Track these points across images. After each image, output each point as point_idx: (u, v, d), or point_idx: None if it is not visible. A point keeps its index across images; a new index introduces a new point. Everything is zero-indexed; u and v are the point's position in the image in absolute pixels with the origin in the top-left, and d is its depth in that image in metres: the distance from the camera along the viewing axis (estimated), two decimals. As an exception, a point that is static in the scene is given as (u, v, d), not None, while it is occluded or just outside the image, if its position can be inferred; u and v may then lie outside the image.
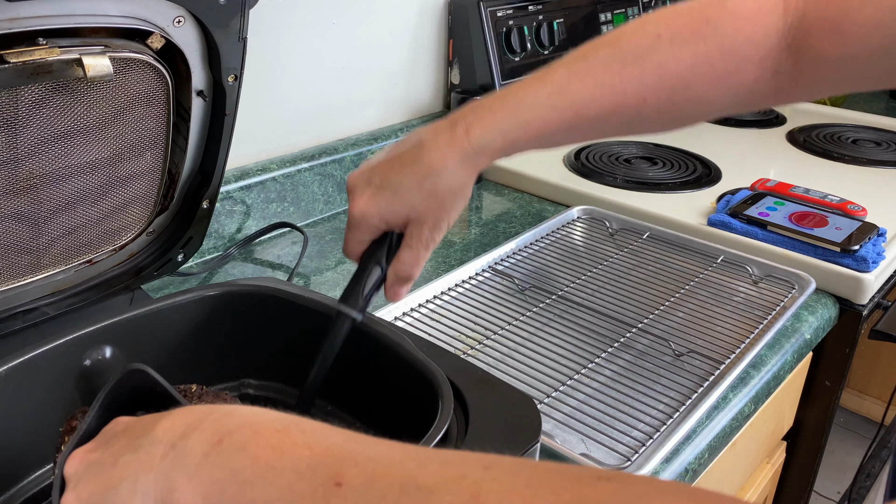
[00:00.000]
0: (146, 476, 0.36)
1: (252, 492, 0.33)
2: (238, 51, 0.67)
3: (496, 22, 1.26)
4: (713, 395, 0.75)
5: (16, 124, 0.58)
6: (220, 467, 0.34)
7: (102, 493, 0.38)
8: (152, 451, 0.37)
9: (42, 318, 0.71)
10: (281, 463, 0.33)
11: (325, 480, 0.31)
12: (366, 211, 0.59)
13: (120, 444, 0.40)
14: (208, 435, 0.36)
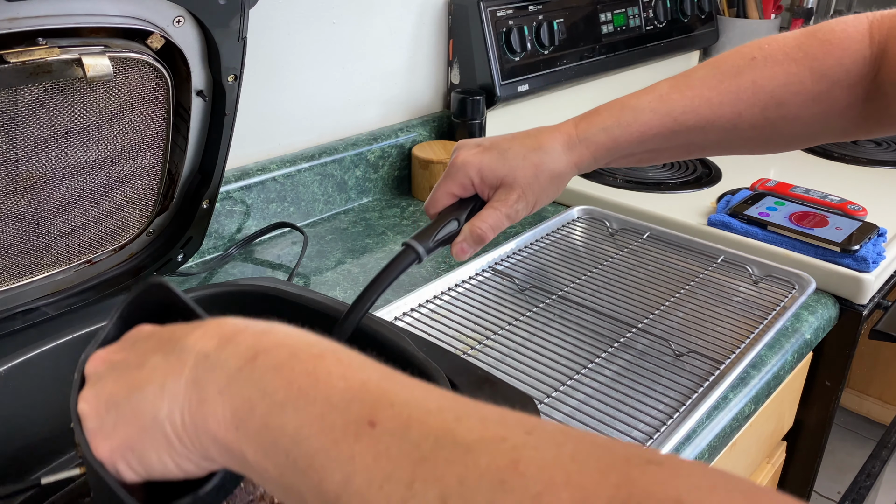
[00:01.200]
0: (175, 382, 0.35)
1: (282, 415, 0.31)
2: (238, 51, 0.67)
3: (496, 22, 1.26)
4: (713, 396, 0.75)
5: (15, 124, 0.58)
6: (252, 385, 0.33)
7: (126, 393, 0.37)
8: (183, 357, 0.36)
9: (42, 318, 0.71)
10: (315, 391, 0.31)
11: (357, 417, 0.30)
12: (468, 160, 0.62)
13: (147, 346, 0.38)
14: (243, 350, 0.34)
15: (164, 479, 0.36)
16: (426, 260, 0.64)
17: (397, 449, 0.28)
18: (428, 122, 1.30)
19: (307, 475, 0.30)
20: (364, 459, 0.28)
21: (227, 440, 0.33)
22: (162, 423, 0.35)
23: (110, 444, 0.36)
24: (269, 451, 0.31)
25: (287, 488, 0.31)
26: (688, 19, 1.72)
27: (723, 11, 1.86)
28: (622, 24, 1.53)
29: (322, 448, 0.29)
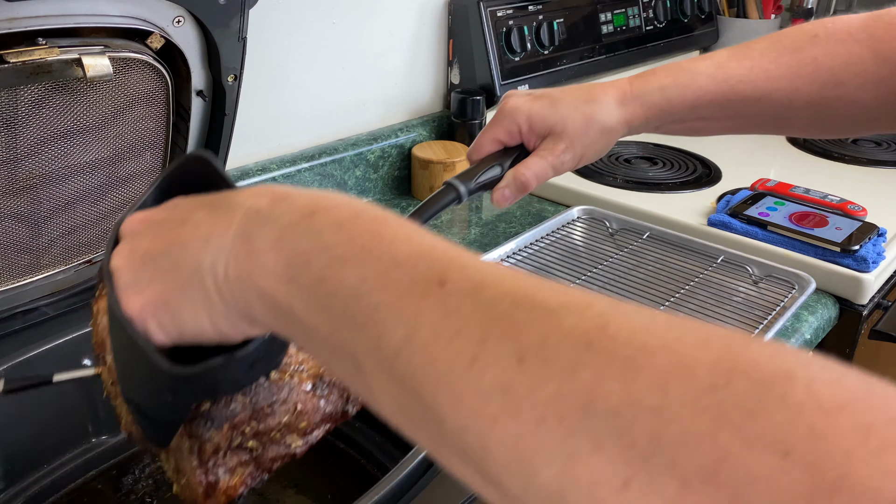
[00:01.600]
0: (222, 234, 0.32)
1: (342, 270, 0.29)
2: (238, 51, 0.67)
3: (496, 22, 1.26)
4: (713, 396, 0.75)
5: (15, 124, 0.58)
6: (309, 239, 0.30)
7: (165, 247, 0.34)
8: (231, 213, 0.33)
9: (42, 318, 0.71)
10: (379, 249, 0.29)
11: (426, 276, 0.27)
12: (518, 106, 0.61)
13: (191, 205, 0.36)
14: (300, 206, 0.32)
15: (195, 341, 0.34)
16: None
17: (469, 306, 0.26)
18: (428, 122, 1.30)
19: (364, 330, 0.27)
20: (431, 315, 0.26)
21: (275, 294, 0.30)
22: (203, 277, 0.32)
23: (143, 299, 0.34)
24: (323, 306, 0.29)
25: (337, 347, 0.29)
26: (688, 19, 1.72)
27: (723, 11, 1.86)
28: (622, 24, 1.53)
29: (385, 303, 0.27)
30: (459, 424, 0.24)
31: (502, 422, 0.23)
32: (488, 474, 0.24)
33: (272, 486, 0.61)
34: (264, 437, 0.41)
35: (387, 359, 0.27)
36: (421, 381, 0.25)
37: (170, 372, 0.34)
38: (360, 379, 0.28)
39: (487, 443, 0.23)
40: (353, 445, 0.64)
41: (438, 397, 0.25)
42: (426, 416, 0.26)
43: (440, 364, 0.25)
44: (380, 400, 0.28)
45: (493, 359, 0.24)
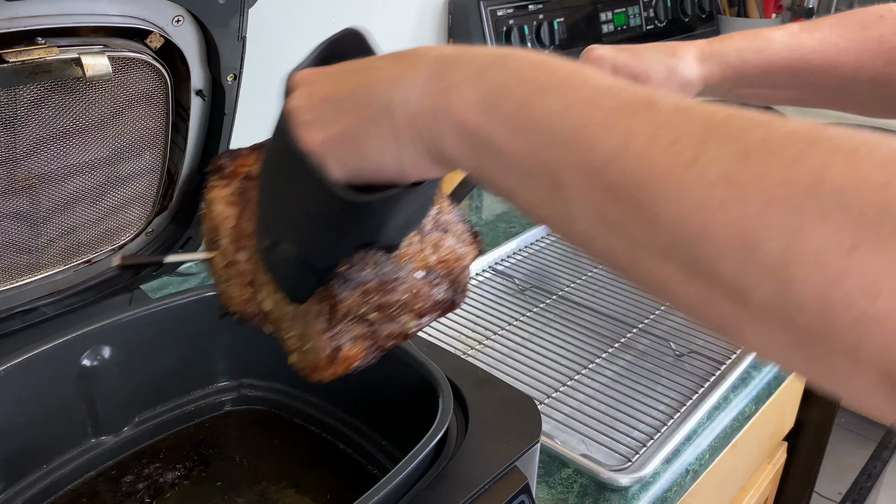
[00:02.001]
0: (413, 75, 0.33)
1: (544, 99, 0.30)
2: (237, 50, 0.67)
3: (496, 22, 1.26)
4: (714, 396, 0.75)
5: (14, 124, 0.58)
6: (506, 74, 0.31)
7: (351, 89, 0.35)
8: (418, 59, 0.34)
9: (41, 318, 0.70)
10: (580, 81, 0.30)
11: (633, 99, 0.28)
12: (604, 55, 0.64)
13: (368, 59, 0.37)
14: (490, 52, 0.33)
15: (367, 180, 0.35)
16: None
17: (683, 119, 0.27)
18: (428, 121, 1.30)
19: (570, 147, 0.29)
20: (645, 128, 0.27)
21: (473, 123, 0.31)
22: (393, 112, 0.33)
23: (325, 134, 0.35)
24: (523, 130, 0.30)
25: (534, 168, 0.30)
26: (688, 19, 1.72)
27: (723, 11, 1.86)
28: (623, 24, 1.53)
29: (594, 121, 0.28)
30: (676, 216, 0.26)
31: (725, 208, 0.24)
32: (698, 261, 0.26)
33: (272, 486, 0.61)
34: (385, 312, 0.43)
35: (595, 169, 0.28)
36: (635, 184, 0.27)
37: (352, 200, 0.35)
38: (557, 196, 0.30)
39: (707, 229, 0.25)
40: (353, 445, 0.64)
41: (654, 196, 0.26)
42: (635, 218, 0.27)
43: (658, 166, 0.26)
44: (575, 213, 0.29)
45: (714, 157, 0.25)
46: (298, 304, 0.43)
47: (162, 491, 0.61)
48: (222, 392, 0.69)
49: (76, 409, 0.61)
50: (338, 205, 0.35)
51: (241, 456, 0.65)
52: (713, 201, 0.25)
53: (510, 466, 0.49)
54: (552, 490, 0.65)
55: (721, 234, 0.25)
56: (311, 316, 0.42)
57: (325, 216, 0.37)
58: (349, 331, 0.42)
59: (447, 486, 0.47)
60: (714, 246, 0.25)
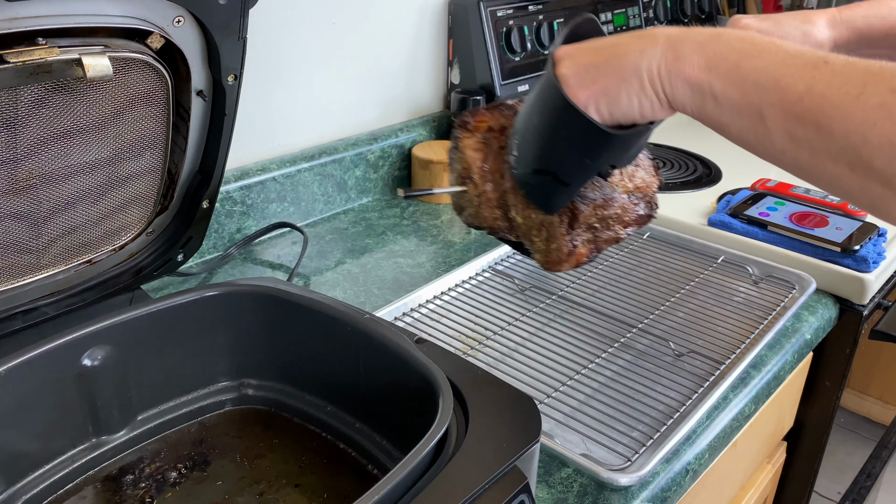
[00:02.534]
0: (652, 48, 0.48)
1: (751, 60, 0.44)
2: (238, 51, 0.67)
3: (496, 22, 1.26)
4: (713, 396, 0.75)
5: (15, 124, 0.58)
6: (722, 45, 0.46)
7: (606, 58, 0.50)
8: (654, 37, 0.48)
9: (42, 318, 0.71)
10: (774, 48, 0.44)
11: (813, 59, 0.43)
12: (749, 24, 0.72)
13: (615, 36, 0.51)
14: (706, 31, 0.47)
15: (621, 121, 0.50)
16: (427, 264, 0.67)
17: (850, 69, 0.41)
18: (428, 122, 1.30)
19: (771, 91, 0.43)
20: (823, 77, 0.42)
21: (699, 79, 0.46)
22: (640, 74, 0.48)
23: (588, 91, 0.50)
24: (736, 81, 0.45)
25: (744, 107, 0.45)
26: (688, 19, 1.72)
27: (723, 11, 1.86)
28: (622, 24, 1.53)
29: (787, 73, 0.43)
30: (846, 131, 0.40)
31: (880, 123, 0.39)
32: (860, 160, 0.40)
33: (272, 486, 0.61)
34: (604, 222, 0.61)
35: (789, 104, 0.43)
36: (818, 111, 0.41)
37: (612, 134, 0.50)
38: (760, 124, 0.44)
39: (867, 138, 0.39)
40: (353, 445, 0.64)
41: (831, 118, 0.41)
42: (816, 135, 0.42)
43: (834, 99, 0.41)
44: (773, 135, 0.44)
45: (873, 93, 0.40)
46: (546, 215, 0.59)
47: (162, 490, 0.61)
48: (222, 392, 0.69)
49: (76, 409, 0.61)
50: (599, 139, 0.51)
51: (241, 456, 0.65)
52: (871, 120, 0.39)
53: (510, 466, 0.49)
54: (552, 490, 0.65)
55: (876, 140, 0.39)
56: (555, 224, 0.59)
57: (588, 148, 0.52)
58: (581, 235, 0.60)
59: (447, 486, 0.47)
60: (871, 149, 0.39)
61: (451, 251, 1.06)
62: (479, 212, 0.67)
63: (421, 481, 0.48)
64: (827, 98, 0.41)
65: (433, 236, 1.11)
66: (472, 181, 0.67)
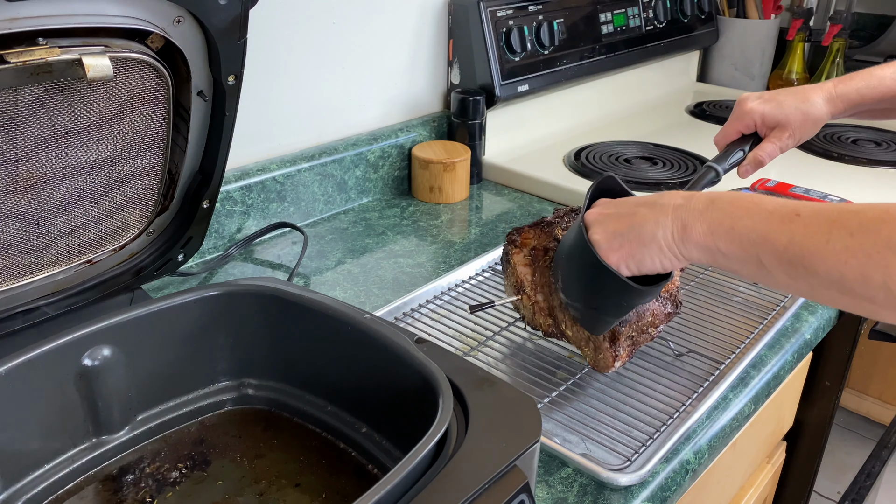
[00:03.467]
0: (664, 219, 0.60)
1: (741, 222, 0.55)
2: (238, 51, 0.67)
3: (496, 22, 1.26)
4: (713, 395, 0.75)
5: (16, 124, 0.58)
6: (717, 212, 0.57)
7: (628, 227, 0.62)
8: (664, 208, 0.60)
9: (42, 318, 0.71)
10: (757, 209, 0.55)
11: (787, 213, 0.53)
12: (754, 108, 0.86)
13: (629, 204, 0.64)
14: (703, 199, 0.59)
15: (648, 273, 0.63)
16: (427, 265, 0.68)
17: (817, 221, 0.52)
18: (428, 122, 1.30)
19: (762, 245, 0.54)
20: (798, 228, 0.52)
21: (706, 242, 0.58)
22: (658, 240, 0.60)
23: (617, 255, 0.63)
24: (734, 240, 0.56)
25: (745, 257, 0.55)
26: (688, 19, 1.72)
27: (723, 11, 1.86)
28: (622, 24, 1.53)
29: (770, 229, 0.54)
30: (828, 269, 0.51)
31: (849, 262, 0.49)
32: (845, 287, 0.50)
33: (272, 486, 0.61)
34: (639, 329, 0.75)
35: (778, 253, 0.53)
36: (801, 257, 0.52)
37: (640, 290, 0.64)
38: (761, 269, 0.55)
39: (844, 273, 0.50)
40: (354, 445, 0.64)
41: (813, 261, 0.51)
42: (806, 273, 0.52)
43: (811, 246, 0.51)
44: (773, 275, 0.55)
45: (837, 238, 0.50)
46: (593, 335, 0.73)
47: (162, 490, 0.61)
48: (223, 392, 0.69)
49: (77, 409, 0.61)
50: (631, 291, 0.64)
51: (242, 455, 0.65)
52: (842, 259, 0.50)
53: (510, 466, 0.50)
54: (552, 489, 0.65)
55: (851, 274, 0.49)
56: (601, 340, 0.73)
57: (621, 296, 0.65)
58: (622, 346, 0.73)
59: (447, 486, 0.47)
60: (849, 281, 0.50)
61: (451, 251, 1.06)
62: (534, 318, 0.80)
63: (421, 481, 0.48)
64: (805, 246, 0.52)
65: (433, 236, 1.11)
66: (525, 293, 0.79)
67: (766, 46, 1.84)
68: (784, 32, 1.87)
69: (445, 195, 1.23)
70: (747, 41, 1.83)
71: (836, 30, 1.75)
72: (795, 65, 1.83)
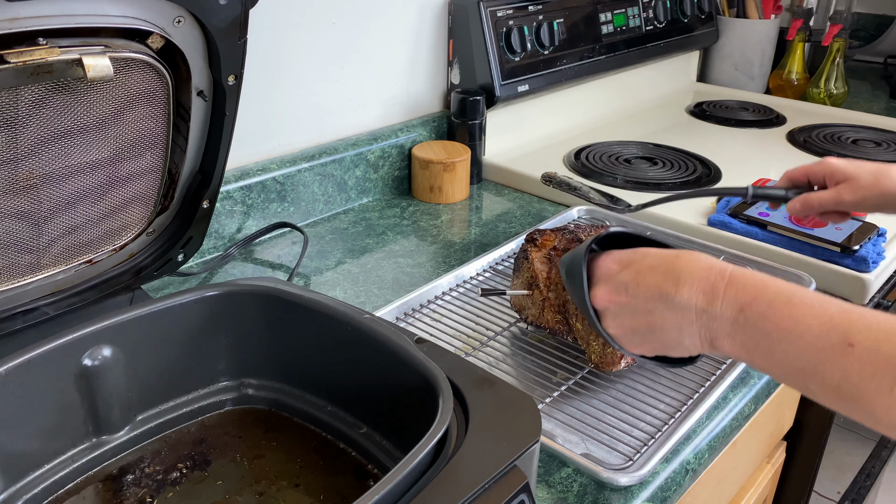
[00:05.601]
0: (690, 327, 0.54)
1: (780, 347, 0.49)
2: (238, 51, 0.67)
3: (496, 22, 1.26)
4: (713, 395, 0.75)
5: (16, 124, 0.58)
6: (750, 330, 0.50)
7: (648, 329, 0.57)
8: (684, 312, 0.54)
9: (42, 318, 0.71)
10: (798, 329, 0.48)
11: (838, 341, 0.46)
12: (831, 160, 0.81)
13: (641, 294, 0.57)
14: (730, 304, 0.52)
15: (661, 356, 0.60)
16: (427, 265, 0.69)
17: (875, 358, 0.44)
18: (428, 122, 1.30)
19: (810, 376, 0.47)
20: (853, 365, 0.45)
21: (739, 356, 0.53)
22: (685, 345, 0.56)
23: (640, 350, 0.60)
24: (775, 362, 0.49)
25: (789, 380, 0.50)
26: (688, 19, 1.72)
27: (723, 11, 1.86)
28: (622, 24, 1.53)
29: (818, 360, 0.47)
30: (891, 419, 0.44)
31: None
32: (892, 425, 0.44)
33: (272, 486, 0.61)
34: None
35: (829, 388, 0.47)
36: (858, 397, 0.45)
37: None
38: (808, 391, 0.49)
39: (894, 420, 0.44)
40: (354, 445, 0.64)
41: (873, 405, 0.45)
42: (861, 410, 0.46)
43: (870, 391, 0.45)
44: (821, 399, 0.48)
45: None
46: None
47: (162, 490, 0.61)
48: (223, 392, 0.69)
49: (76, 409, 0.61)
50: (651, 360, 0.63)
51: (242, 455, 0.65)
52: None
53: (510, 466, 0.50)
54: (552, 489, 0.65)
55: None
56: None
57: None
58: None
59: (447, 486, 0.47)
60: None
61: (451, 251, 1.06)
62: (541, 314, 0.80)
63: (421, 481, 0.48)
64: (862, 389, 0.45)
65: (433, 236, 1.11)
66: (538, 288, 0.80)
67: (766, 46, 1.84)
68: (784, 32, 1.87)
69: (445, 195, 1.23)
70: (747, 41, 1.83)
71: (836, 30, 1.75)
72: (795, 65, 1.83)
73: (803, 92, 1.83)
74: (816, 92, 1.80)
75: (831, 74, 1.77)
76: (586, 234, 0.81)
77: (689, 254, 0.57)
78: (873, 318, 0.46)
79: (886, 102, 1.85)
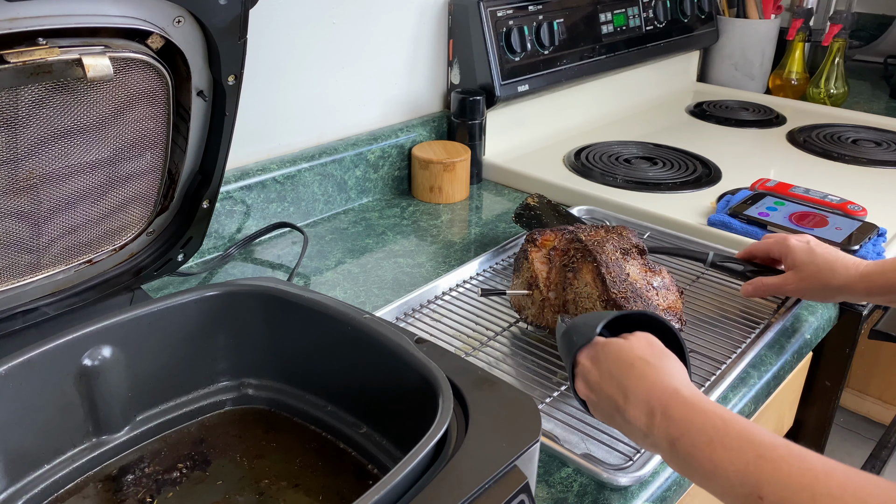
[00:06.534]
0: (641, 441, 0.58)
1: (705, 484, 0.52)
2: (238, 51, 0.67)
3: (496, 22, 1.26)
4: (713, 395, 0.75)
5: (16, 124, 0.58)
6: (680, 464, 0.54)
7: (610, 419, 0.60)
8: (633, 429, 0.57)
9: (42, 318, 0.71)
10: (717, 473, 0.50)
11: (750, 493, 0.48)
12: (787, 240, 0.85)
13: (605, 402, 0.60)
14: (663, 436, 0.54)
15: None
16: (427, 265, 0.67)
17: None
18: (428, 122, 1.30)
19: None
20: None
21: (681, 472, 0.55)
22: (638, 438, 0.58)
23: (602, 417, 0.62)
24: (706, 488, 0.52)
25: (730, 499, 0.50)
26: (688, 19, 1.72)
27: (723, 11, 1.86)
28: (622, 24, 1.53)
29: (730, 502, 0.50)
30: None
31: None
32: None
33: (272, 486, 0.61)
34: None
35: None
36: None
37: None
38: None
39: None
40: (354, 445, 0.64)
41: None
42: None
43: None
44: None
45: None
46: None
47: (162, 490, 0.61)
48: (223, 392, 0.69)
49: (76, 409, 0.61)
50: None
51: (241, 456, 0.65)
52: None
53: (510, 466, 0.50)
54: (552, 489, 0.65)
55: None
56: None
57: None
58: None
59: (447, 486, 0.47)
60: None
61: (451, 251, 1.06)
62: (541, 314, 0.81)
63: (421, 481, 0.48)
64: None
65: (433, 236, 1.11)
66: (538, 288, 0.80)
67: (766, 46, 1.84)
68: (784, 32, 1.87)
69: (445, 195, 1.23)
70: (747, 41, 1.83)
71: (836, 30, 1.75)
72: (795, 65, 1.83)
73: (803, 92, 1.83)
74: (816, 92, 1.80)
75: (831, 74, 1.77)
76: (586, 234, 0.81)
77: (641, 366, 0.58)
78: (787, 469, 0.47)
79: (886, 102, 1.85)
